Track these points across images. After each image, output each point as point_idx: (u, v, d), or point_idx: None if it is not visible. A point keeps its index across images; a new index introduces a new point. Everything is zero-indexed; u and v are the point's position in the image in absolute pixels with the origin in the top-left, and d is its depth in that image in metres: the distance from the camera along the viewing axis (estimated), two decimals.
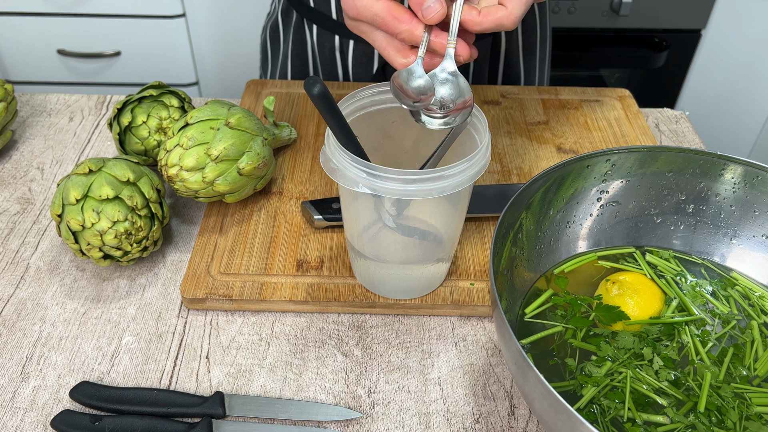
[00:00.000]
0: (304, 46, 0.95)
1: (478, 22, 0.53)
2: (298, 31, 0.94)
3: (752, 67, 1.67)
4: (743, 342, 0.52)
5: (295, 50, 0.96)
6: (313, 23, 0.90)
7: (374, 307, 0.61)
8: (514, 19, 0.54)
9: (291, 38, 0.96)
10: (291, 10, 0.94)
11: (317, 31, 0.90)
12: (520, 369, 0.41)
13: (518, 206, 0.51)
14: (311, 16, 0.90)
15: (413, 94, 0.51)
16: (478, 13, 0.54)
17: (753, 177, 0.54)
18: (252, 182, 0.66)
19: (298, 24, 0.93)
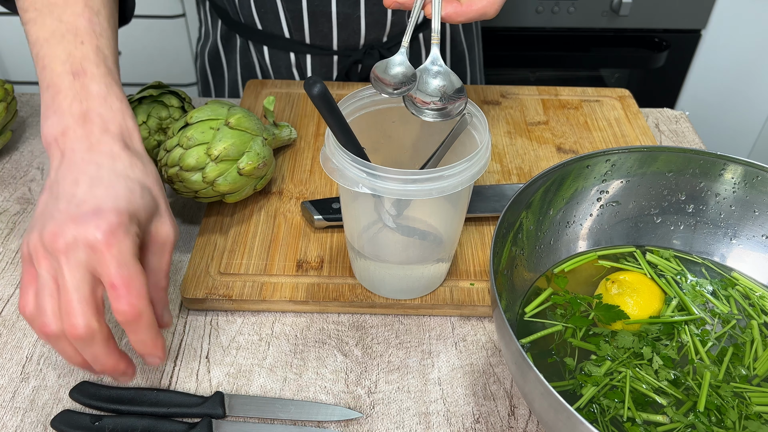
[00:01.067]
0: (252, 69, 0.95)
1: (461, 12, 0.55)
2: (244, 56, 0.94)
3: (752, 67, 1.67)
4: (743, 342, 0.52)
5: (244, 74, 0.96)
6: (264, 45, 0.90)
7: (374, 307, 0.61)
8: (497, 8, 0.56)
9: (238, 63, 0.95)
10: (232, 34, 0.93)
11: (269, 51, 0.90)
12: (520, 369, 0.41)
13: (518, 206, 0.51)
14: (260, 39, 0.90)
15: (391, 81, 0.52)
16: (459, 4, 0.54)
17: (753, 177, 0.54)
18: (252, 182, 0.66)
19: (244, 48, 0.93)
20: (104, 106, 0.49)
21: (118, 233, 0.43)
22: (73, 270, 0.43)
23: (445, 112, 0.53)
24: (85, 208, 0.44)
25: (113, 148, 0.48)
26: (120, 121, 0.49)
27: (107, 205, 0.44)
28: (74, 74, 0.50)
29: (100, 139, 0.48)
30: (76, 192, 0.45)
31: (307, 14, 0.84)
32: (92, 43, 0.52)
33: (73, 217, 0.44)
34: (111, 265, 0.43)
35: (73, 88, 0.49)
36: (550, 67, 1.67)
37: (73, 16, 0.52)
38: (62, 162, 0.47)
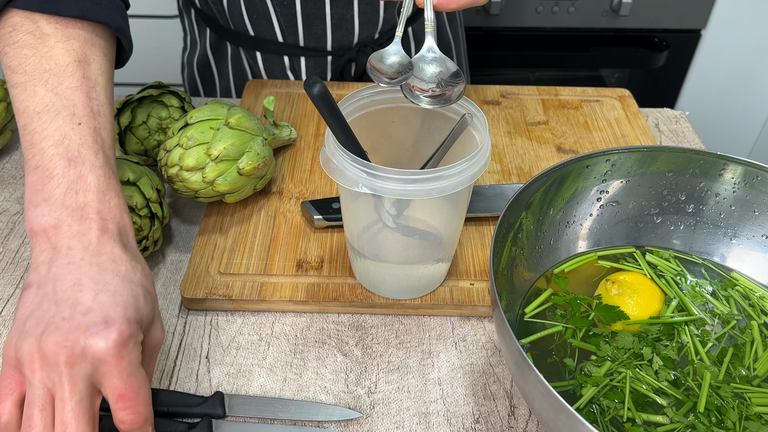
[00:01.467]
0: (245, 76, 0.94)
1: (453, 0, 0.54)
2: (236, 63, 0.93)
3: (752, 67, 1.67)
4: (743, 342, 0.52)
5: (237, 81, 0.96)
6: (256, 51, 0.90)
7: (374, 307, 0.61)
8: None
9: (230, 70, 0.95)
10: (222, 42, 0.92)
11: (263, 56, 0.90)
12: (520, 369, 0.41)
13: (518, 206, 0.51)
14: (252, 45, 0.89)
15: (388, 71, 0.52)
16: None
17: (753, 177, 0.54)
18: (252, 182, 0.66)
19: (235, 55, 0.92)
20: (103, 201, 0.46)
21: (128, 345, 0.41)
22: (77, 383, 0.40)
23: (444, 98, 0.53)
24: (93, 317, 0.41)
25: (114, 250, 0.45)
26: (118, 220, 0.46)
27: (116, 315, 0.42)
28: (70, 160, 0.46)
29: (100, 239, 0.44)
30: (80, 298, 0.42)
31: (301, 17, 0.84)
32: (90, 125, 0.47)
33: (81, 327, 0.41)
34: (120, 377, 0.41)
35: (67, 176, 0.45)
36: (550, 67, 1.67)
37: (69, 90, 0.48)
38: (56, 259, 0.43)
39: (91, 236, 0.44)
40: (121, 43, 0.55)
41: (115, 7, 0.53)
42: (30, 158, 0.46)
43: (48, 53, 0.48)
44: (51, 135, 0.46)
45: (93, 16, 0.50)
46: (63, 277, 0.43)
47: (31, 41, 0.48)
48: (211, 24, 0.92)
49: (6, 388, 0.41)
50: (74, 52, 0.49)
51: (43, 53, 0.48)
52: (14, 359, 0.42)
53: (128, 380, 0.41)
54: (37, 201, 0.45)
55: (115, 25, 0.52)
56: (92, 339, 0.40)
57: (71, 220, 0.44)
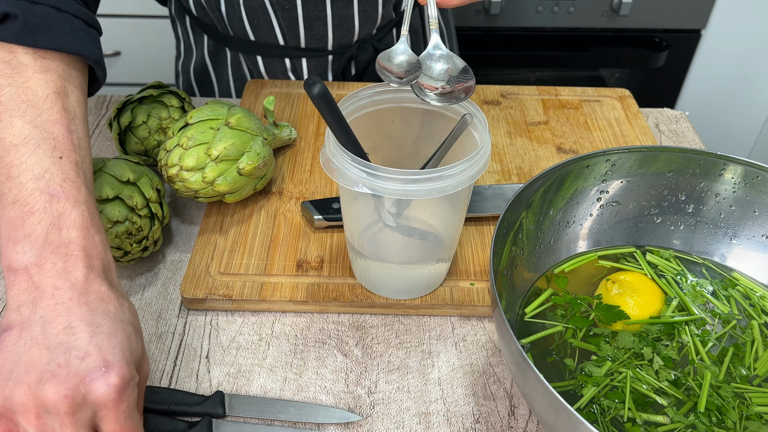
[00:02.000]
0: (245, 80, 0.94)
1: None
2: (236, 69, 0.93)
3: (752, 67, 1.67)
4: (743, 342, 0.52)
5: (237, 86, 0.95)
6: (257, 55, 0.90)
7: (374, 307, 0.61)
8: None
9: (230, 76, 0.94)
10: (221, 48, 0.92)
11: (264, 60, 0.90)
12: (520, 369, 0.41)
13: (518, 206, 0.51)
14: (253, 50, 0.89)
15: (397, 70, 0.52)
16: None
17: (753, 177, 0.54)
18: (252, 182, 0.66)
19: (235, 61, 0.92)
20: (87, 238, 0.44)
21: (127, 389, 0.41)
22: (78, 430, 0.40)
23: (454, 94, 0.53)
24: (92, 362, 0.40)
25: (101, 288, 0.43)
26: (102, 256, 0.45)
27: (114, 358, 0.41)
28: (51, 195, 0.44)
29: (87, 277, 0.43)
30: (74, 342, 0.40)
31: (303, 20, 0.84)
32: (72, 159, 0.46)
33: (79, 374, 0.39)
34: (117, 421, 0.41)
35: (49, 211, 0.43)
36: (550, 67, 1.67)
37: (49, 123, 0.46)
38: (41, 299, 0.41)
39: (78, 274, 0.43)
40: (93, 73, 0.54)
41: (91, 38, 0.51)
42: (7, 192, 0.44)
43: (25, 84, 0.47)
44: (30, 168, 0.44)
45: (71, 49, 0.49)
46: (52, 320, 0.41)
47: (7, 70, 0.47)
48: (208, 31, 0.91)
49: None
50: (53, 84, 0.47)
51: (20, 84, 0.47)
52: (2, 407, 0.40)
53: (125, 423, 0.41)
54: (16, 237, 0.43)
55: (93, 57, 0.51)
56: (93, 385, 0.40)
57: (55, 257, 0.43)
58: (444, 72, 0.54)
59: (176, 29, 0.99)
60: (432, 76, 0.54)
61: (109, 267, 0.46)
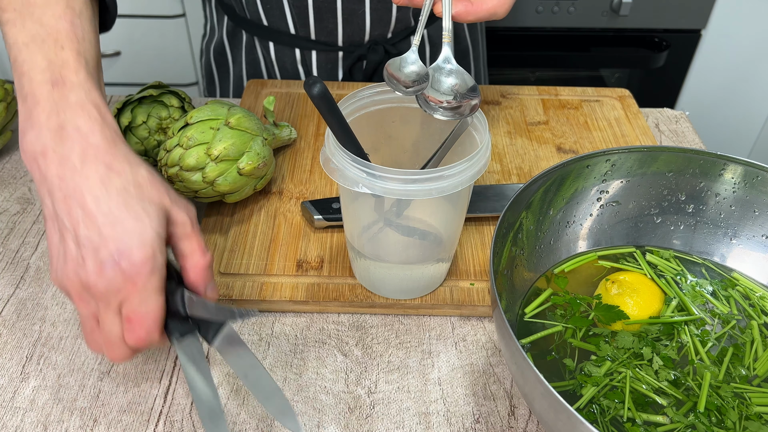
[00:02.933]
0: (258, 65, 0.95)
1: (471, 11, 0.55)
2: (250, 52, 0.94)
3: (752, 67, 1.67)
4: (743, 342, 0.52)
5: (250, 70, 0.96)
6: (269, 41, 0.90)
7: (374, 307, 0.61)
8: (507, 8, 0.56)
9: (243, 58, 0.95)
10: (238, 30, 0.93)
11: (275, 47, 0.90)
12: (520, 369, 0.41)
13: (518, 206, 0.51)
14: (266, 35, 0.90)
15: (405, 80, 0.52)
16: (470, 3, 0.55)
17: (753, 177, 0.54)
18: (252, 182, 0.66)
19: (249, 44, 0.93)
20: (82, 116, 0.46)
21: (142, 272, 0.43)
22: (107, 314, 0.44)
23: (459, 110, 0.53)
24: (105, 255, 0.43)
25: (99, 170, 0.44)
26: (100, 130, 0.46)
27: (125, 245, 0.43)
28: (53, 84, 0.46)
29: (84, 161, 0.44)
30: (90, 236, 0.43)
31: (313, 10, 0.84)
32: (73, 48, 0.48)
33: (99, 266, 0.43)
34: (133, 302, 0.44)
35: (51, 99, 0.46)
36: (550, 67, 1.67)
37: (54, 19, 0.49)
38: (52, 191, 0.44)
39: (75, 160, 0.44)
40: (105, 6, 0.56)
41: None
42: (20, 89, 0.48)
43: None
44: (38, 63, 0.47)
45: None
46: (65, 212, 0.44)
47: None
48: (228, 12, 0.93)
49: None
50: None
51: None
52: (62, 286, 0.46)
53: (138, 306, 0.44)
54: (25, 128, 0.46)
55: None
56: (109, 276, 0.43)
57: (54, 143, 0.45)
58: (452, 87, 0.54)
59: (205, 9, 1.02)
60: (439, 90, 0.54)
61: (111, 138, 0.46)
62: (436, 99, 0.53)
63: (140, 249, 0.43)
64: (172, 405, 0.54)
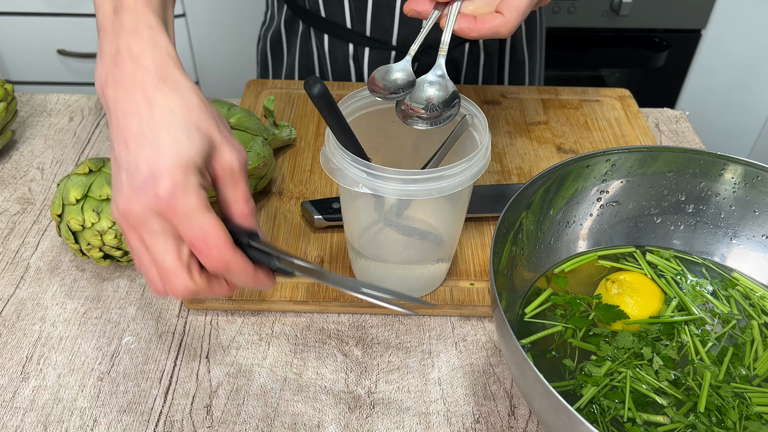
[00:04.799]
0: (310, 56, 0.95)
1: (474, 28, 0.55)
2: (304, 42, 0.94)
3: (752, 67, 1.67)
4: (743, 342, 0.52)
5: (302, 60, 0.97)
6: (324, 33, 0.90)
7: (374, 307, 0.61)
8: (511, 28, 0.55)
9: (297, 48, 0.96)
10: (296, 20, 0.94)
11: (329, 40, 0.91)
12: (520, 369, 0.41)
13: (518, 206, 0.51)
14: (322, 26, 0.90)
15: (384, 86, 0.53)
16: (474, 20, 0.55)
17: (753, 177, 0.54)
18: (252, 182, 0.66)
19: (305, 34, 0.94)
20: (134, 39, 0.45)
21: (176, 194, 0.41)
22: (154, 240, 0.42)
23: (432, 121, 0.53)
24: (139, 178, 0.41)
25: (147, 91, 0.44)
26: (150, 52, 0.45)
27: (158, 167, 0.41)
28: (114, 10, 0.46)
29: (134, 82, 0.44)
30: (128, 157, 0.42)
31: (372, 5, 0.84)
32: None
33: (132, 189, 0.42)
34: (182, 227, 0.42)
35: (112, 26, 0.46)
36: (550, 67, 1.67)
37: None
38: (110, 118, 0.44)
39: (126, 82, 0.44)
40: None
41: None
42: (97, 25, 0.48)
43: None
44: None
45: None
46: (116, 139, 0.44)
47: None
48: (288, 1, 0.93)
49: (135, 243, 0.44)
50: None
51: None
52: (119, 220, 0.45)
53: (191, 230, 0.42)
54: (97, 62, 0.47)
55: None
56: (143, 198, 0.41)
57: (111, 68, 0.45)
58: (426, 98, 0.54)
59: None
60: (414, 100, 0.54)
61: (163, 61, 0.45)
62: (410, 107, 0.54)
63: (171, 172, 0.41)
64: (172, 405, 0.54)
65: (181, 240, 0.43)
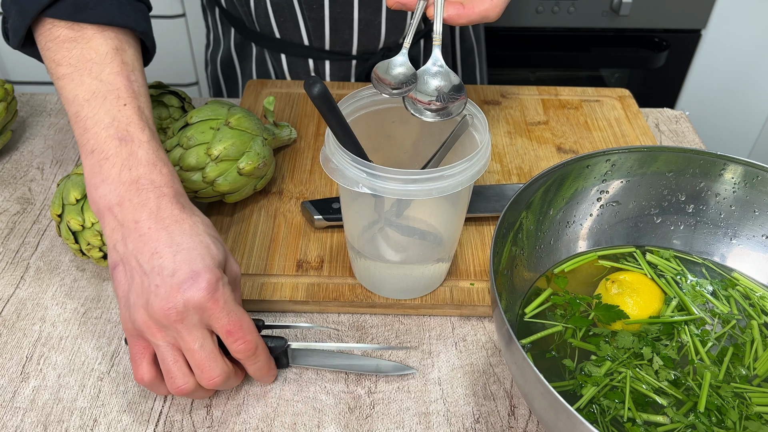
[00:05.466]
0: (268, 77, 0.94)
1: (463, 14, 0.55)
2: (260, 64, 0.94)
3: (752, 67, 1.67)
4: (743, 342, 0.52)
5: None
6: (281, 53, 0.90)
7: (374, 307, 0.61)
8: (499, 11, 0.56)
9: (254, 70, 0.95)
10: (247, 43, 0.93)
11: (287, 59, 0.90)
12: (520, 369, 0.41)
13: (518, 206, 0.51)
14: (278, 47, 0.90)
15: (392, 82, 0.53)
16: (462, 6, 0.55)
17: (753, 177, 0.54)
18: (252, 182, 0.66)
19: (260, 57, 0.93)
20: (154, 171, 0.50)
21: (218, 287, 0.47)
22: (193, 333, 0.47)
23: (444, 111, 0.53)
24: (181, 276, 0.46)
25: (173, 212, 0.49)
26: (171, 184, 0.50)
27: (198, 267, 0.47)
28: (120, 140, 0.50)
29: (159, 205, 0.49)
30: (163, 264, 0.46)
31: (329, 22, 0.84)
32: (134, 105, 0.52)
33: (174, 287, 0.46)
34: (221, 317, 0.47)
35: (120, 155, 0.49)
36: (550, 67, 1.67)
37: (111, 75, 0.52)
38: (128, 235, 0.48)
39: (151, 205, 0.48)
40: (146, 46, 0.59)
41: (139, 12, 0.56)
42: (85, 143, 0.50)
43: (88, 44, 0.52)
44: (101, 119, 0.50)
45: (119, 22, 0.54)
46: (141, 250, 0.47)
47: (71, 35, 0.52)
48: (236, 24, 0.93)
49: (137, 354, 0.49)
50: (111, 42, 0.53)
51: (83, 45, 0.52)
52: (134, 330, 0.48)
53: (229, 316, 0.47)
54: (96, 183, 0.49)
55: (140, 29, 0.56)
56: (188, 293, 0.46)
57: (130, 194, 0.49)
58: (436, 89, 0.54)
59: (206, 19, 1.01)
60: (424, 92, 0.54)
61: (179, 192, 0.51)
62: (420, 100, 0.53)
63: (211, 270, 0.47)
64: (172, 405, 0.54)
65: (211, 332, 0.48)
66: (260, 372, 0.51)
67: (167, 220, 0.48)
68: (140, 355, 0.49)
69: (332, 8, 0.82)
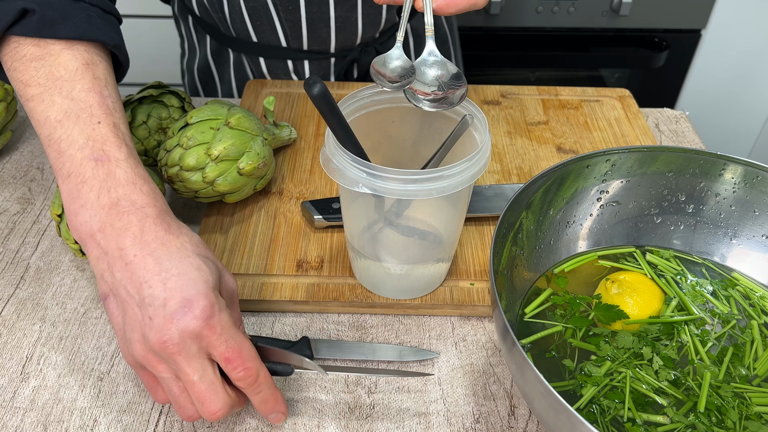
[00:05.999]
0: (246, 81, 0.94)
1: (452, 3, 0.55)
2: (239, 69, 0.93)
3: (752, 67, 1.67)
4: (743, 342, 0.52)
5: (240, 87, 0.96)
6: (259, 57, 0.90)
7: (374, 307, 0.61)
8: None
9: (232, 76, 0.95)
10: (224, 49, 0.92)
11: (266, 62, 0.90)
12: (520, 369, 0.41)
13: (518, 206, 0.51)
14: (255, 51, 0.89)
15: (391, 75, 0.53)
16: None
17: (753, 177, 0.54)
18: (252, 182, 0.66)
19: (238, 62, 0.92)
20: (135, 192, 0.47)
21: (213, 313, 0.44)
22: (192, 364, 0.44)
23: (446, 100, 0.53)
24: (173, 305, 0.44)
25: (158, 234, 0.46)
26: (154, 203, 0.47)
27: (191, 294, 0.44)
28: (96, 160, 0.47)
29: (143, 229, 0.46)
30: (154, 294, 0.44)
31: (306, 22, 0.84)
32: (109, 122, 0.49)
33: (167, 318, 0.43)
34: (219, 344, 0.45)
35: (97, 176, 0.47)
36: (550, 67, 1.67)
37: (83, 92, 0.49)
38: (113, 264, 0.45)
39: (134, 229, 0.46)
40: (118, 60, 0.57)
41: (109, 24, 0.54)
42: (61, 167, 0.48)
43: (56, 61, 0.49)
44: (75, 140, 0.47)
45: (89, 36, 0.51)
46: (129, 280, 0.45)
47: (38, 53, 0.50)
48: (211, 31, 0.92)
49: (149, 383, 0.48)
50: (80, 57, 0.50)
51: (51, 62, 0.49)
52: (136, 363, 0.46)
53: (228, 343, 0.45)
54: (75, 209, 0.47)
55: (112, 42, 0.53)
56: (182, 323, 0.43)
57: (111, 219, 0.46)
58: (436, 78, 0.54)
59: (180, 28, 1.00)
60: (425, 82, 0.54)
61: (163, 210, 0.48)
62: (422, 91, 0.53)
63: (205, 296, 0.44)
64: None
65: (212, 360, 0.46)
66: (266, 405, 0.48)
67: (153, 244, 0.45)
68: (152, 383, 0.48)
69: (308, 8, 0.82)
